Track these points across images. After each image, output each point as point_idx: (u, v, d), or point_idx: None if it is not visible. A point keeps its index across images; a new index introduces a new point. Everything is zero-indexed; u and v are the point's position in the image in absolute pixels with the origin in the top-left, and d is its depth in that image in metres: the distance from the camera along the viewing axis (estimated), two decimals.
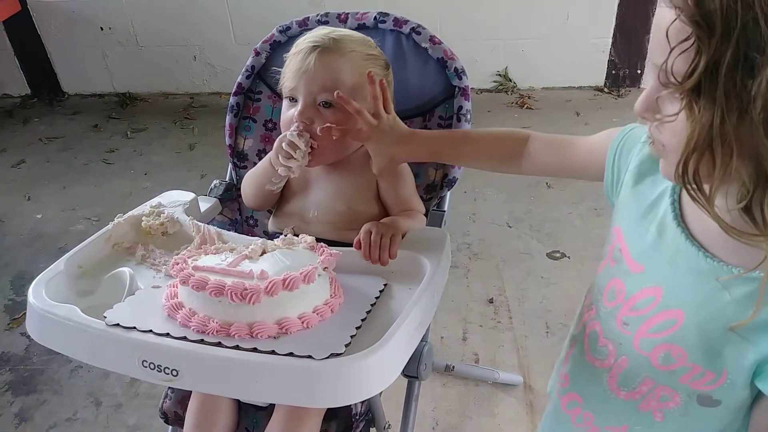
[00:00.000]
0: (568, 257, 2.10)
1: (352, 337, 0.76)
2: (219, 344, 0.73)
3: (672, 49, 0.53)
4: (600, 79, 3.26)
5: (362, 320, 0.81)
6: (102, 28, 3.35)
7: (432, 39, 1.18)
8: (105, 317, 0.77)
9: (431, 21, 2.95)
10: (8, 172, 2.89)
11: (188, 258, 0.84)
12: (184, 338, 0.74)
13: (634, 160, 0.76)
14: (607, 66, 3.22)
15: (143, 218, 1.02)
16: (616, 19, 3.07)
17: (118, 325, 0.75)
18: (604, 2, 3.06)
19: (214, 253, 0.86)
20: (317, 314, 0.79)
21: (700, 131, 0.53)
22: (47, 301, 0.81)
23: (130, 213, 1.02)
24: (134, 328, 0.75)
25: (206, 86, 3.47)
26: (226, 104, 1.27)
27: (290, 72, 1.02)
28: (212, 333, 0.74)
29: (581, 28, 3.14)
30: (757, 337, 0.62)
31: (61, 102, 3.52)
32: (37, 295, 0.82)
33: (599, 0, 3.07)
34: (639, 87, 3.22)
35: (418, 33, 1.18)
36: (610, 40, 3.15)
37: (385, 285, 0.89)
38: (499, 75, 3.29)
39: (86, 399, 1.69)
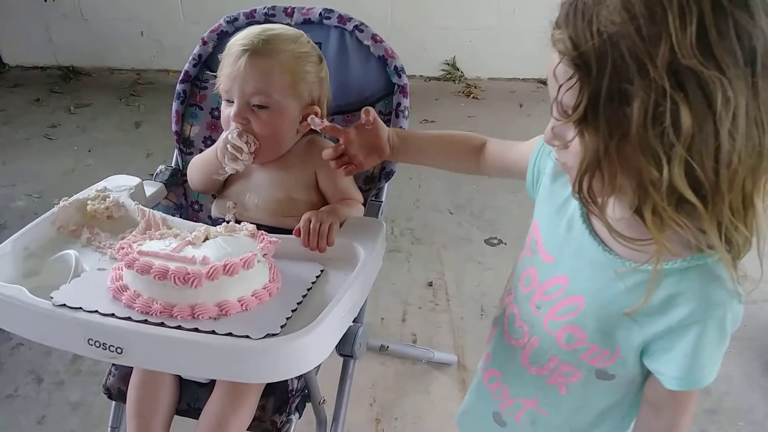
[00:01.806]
0: (505, 243, 2.22)
1: (287, 318, 0.83)
2: (162, 324, 0.78)
3: (560, 87, 0.62)
4: (543, 72, 3.37)
5: (298, 303, 0.87)
6: (46, 0, 3.26)
7: (374, 37, 1.23)
8: (52, 297, 0.81)
9: (383, 7, 3.01)
10: None
11: (133, 243, 0.89)
12: (129, 318, 0.79)
13: (551, 161, 0.85)
14: None
15: (89, 202, 1.05)
16: None
17: (64, 305, 0.79)
18: None
19: (159, 239, 0.90)
20: (256, 297, 0.85)
21: (589, 155, 0.62)
22: None
23: (75, 197, 1.05)
24: (80, 308, 0.79)
25: (153, 63, 3.41)
26: (173, 82, 1.29)
27: (224, 76, 1.06)
28: (156, 314, 0.79)
29: (527, 21, 3.22)
30: (643, 321, 0.72)
31: (2, 74, 3.41)
32: None
33: None
34: None
35: (361, 31, 1.24)
36: None
37: (321, 271, 0.96)
38: (447, 64, 3.37)
39: (27, 376, 1.70)
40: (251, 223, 0.96)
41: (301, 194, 1.12)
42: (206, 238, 0.90)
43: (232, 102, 1.07)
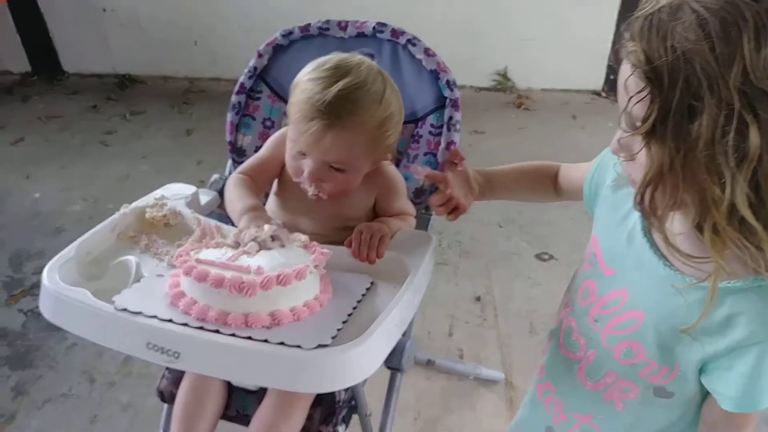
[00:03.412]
0: (556, 259, 2.18)
1: (338, 330, 0.83)
2: (217, 331, 0.80)
3: (630, 98, 0.61)
4: (598, 83, 3.31)
5: (349, 315, 0.88)
6: (104, 9, 3.37)
7: (426, 51, 1.24)
8: (114, 301, 0.83)
9: (435, 16, 3.00)
10: (7, 149, 2.93)
11: (191, 251, 0.91)
12: (186, 324, 0.81)
13: (611, 174, 0.85)
14: (606, 71, 3.26)
15: (147, 210, 1.08)
16: (617, 24, 3.12)
17: (125, 309, 0.82)
18: (605, 7, 3.12)
19: (215, 248, 0.92)
20: (307, 308, 0.86)
21: (654, 167, 0.62)
22: (60, 284, 0.88)
23: (134, 204, 1.09)
24: (140, 313, 0.82)
25: (205, 71, 3.49)
26: (224, 90, 1.33)
27: (302, 136, 0.99)
28: (211, 321, 0.81)
29: (582, 32, 3.19)
30: (703, 339, 0.70)
31: (61, 81, 3.55)
32: (51, 278, 0.88)
33: (601, 5, 3.12)
34: None
35: (414, 44, 1.24)
36: (610, 46, 3.20)
37: (371, 283, 0.96)
38: (499, 74, 3.34)
39: (81, 376, 1.75)
40: None
41: (359, 220, 1.07)
42: (260, 249, 0.92)
43: (304, 154, 1.02)
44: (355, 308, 0.90)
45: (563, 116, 3.14)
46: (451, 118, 1.21)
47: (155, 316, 0.81)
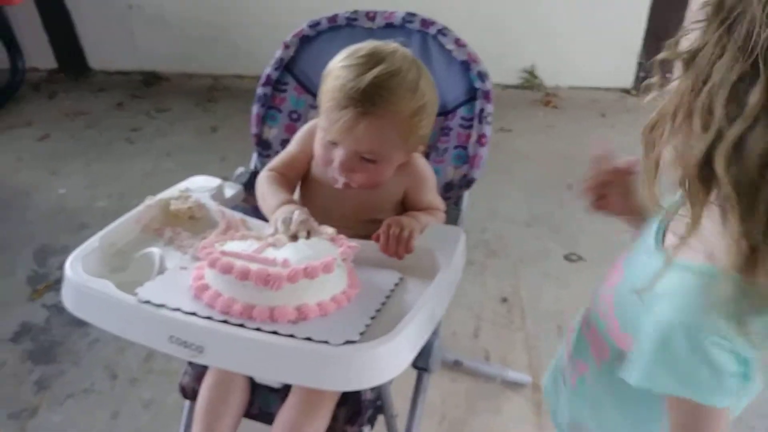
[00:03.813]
0: (585, 260, 2.12)
1: (366, 326, 0.80)
2: (242, 325, 0.78)
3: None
4: (628, 81, 3.24)
5: (377, 311, 0.85)
6: (131, 6, 3.39)
7: (457, 41, 1.21)
8: (137, 293, 0.81)
9: (461, 12, 2.96)
10: (34, 145, 2.94)
11: (216, 243, 0.88)
12: (210, 318, 0.79)
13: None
14: (636, 68, 3.20)
15: (172, 202, 1.06)
16: (648, 21, 3.06)
17: (149, 302, 0.80)
18: (636, 4, 3.05)
19: (240, 240, 0.90)
20: (334, 302, 0.83)
21: (675, 99, 0.61)
22: (83, 275, 0.86)
23: (159, 196, 1.07)
24: (164, 305, 0.80)
25: (229, 68, 3.48)
26: (248, 87, 1.30)
27: (334, 124, 0.96)
28: (236, 314, 0.79)
29: (612, 28, 3.11)
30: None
31: (87, 78, 3.56)
32: (74, 269, 0.86)
33: (631, 3, 3.06)
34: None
35: (444, 35, 1.21)
36: (641, 42, 3.13)
37: (400, 278, 0.93)
38: (526, 72, 3.28)
39: (103, 372, 1.74)
40: None
41: (387, 214, 1.04)
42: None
43: (335, 144, 1.00)
44: (383, 304, 0.86)
45: (592, 114, 3.07)
46: (482, 110, 1.18)
47: (179, 309, 0.79)
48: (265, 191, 1.06)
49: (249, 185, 1.26)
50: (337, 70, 0.98)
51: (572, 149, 2.72)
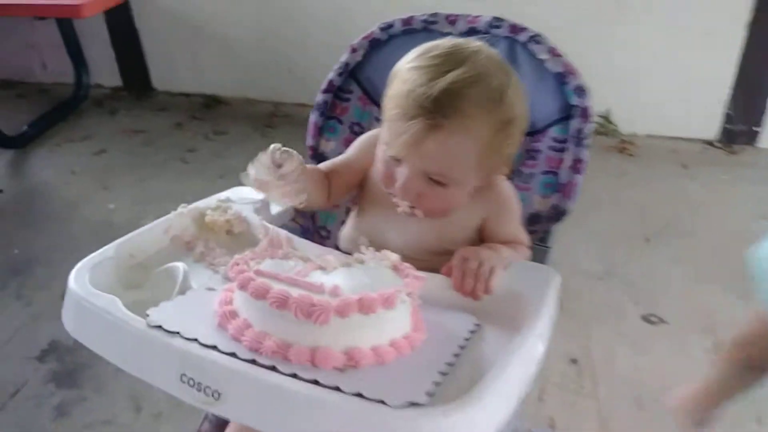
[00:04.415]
0: (667, 323, 1.86)
1: (436, 384, 0.61)
2: (273, 368, 0.60)
3: None
4: (712, 132, 3.03)
5: (449, 365, 0.65)
6: (197, 29, 3.40)
7: (552, 51, 1.03)
8: (147, 315, 0.65)
9: None
10: (89, 159, 2.93)
11: (251, 260, 0.71)
12: (233, 354, 0.61)
13: None
14: (721, 119, 2.98)
15: (208, 212, 0.91)
16: (738, 69, 2.84)
17: (160, 327, 0.63)
18: (724, 51, 2.84)
19: (282, 258, 0.73)
20: (395, 348, 0.65)
21: None
22: (88, 287, 0.70)
23: (194, 204, 0.92)
24: (178, 333, 0.63)
25: (292, 96, 3.44)
26: (308, 115, 1.16)
27: (398, 138, 0.81)
28: (267, 353, 0.61)
29: (696, 76, 2.91)
30: None
31: (150, 97, 3.59)
32: (79, 279, 0.71)
33: (720, 49, 2.85)
34: (755, 145, 2.95)
35: (537, 42, 1.04)
36: (729, 92, 2.91)
37: (476, 325, 0.74)
38: (601, 117, 3.10)
39: (127, 402, 1.60)
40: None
41: (460, 245, 0.85)
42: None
43: (399, 160, 0.84)
44: (457, 356, 0.67)
45: (671, 165, 2.85)
46: (580, 130, 1.00)
47: (196, 340, 0.62)
48: None
49: None
50: (406, 71, 0.82)
51: (648, 199, 2.51)
